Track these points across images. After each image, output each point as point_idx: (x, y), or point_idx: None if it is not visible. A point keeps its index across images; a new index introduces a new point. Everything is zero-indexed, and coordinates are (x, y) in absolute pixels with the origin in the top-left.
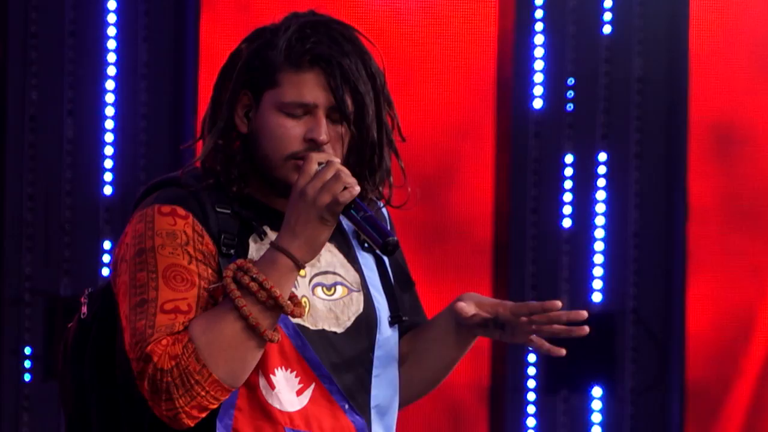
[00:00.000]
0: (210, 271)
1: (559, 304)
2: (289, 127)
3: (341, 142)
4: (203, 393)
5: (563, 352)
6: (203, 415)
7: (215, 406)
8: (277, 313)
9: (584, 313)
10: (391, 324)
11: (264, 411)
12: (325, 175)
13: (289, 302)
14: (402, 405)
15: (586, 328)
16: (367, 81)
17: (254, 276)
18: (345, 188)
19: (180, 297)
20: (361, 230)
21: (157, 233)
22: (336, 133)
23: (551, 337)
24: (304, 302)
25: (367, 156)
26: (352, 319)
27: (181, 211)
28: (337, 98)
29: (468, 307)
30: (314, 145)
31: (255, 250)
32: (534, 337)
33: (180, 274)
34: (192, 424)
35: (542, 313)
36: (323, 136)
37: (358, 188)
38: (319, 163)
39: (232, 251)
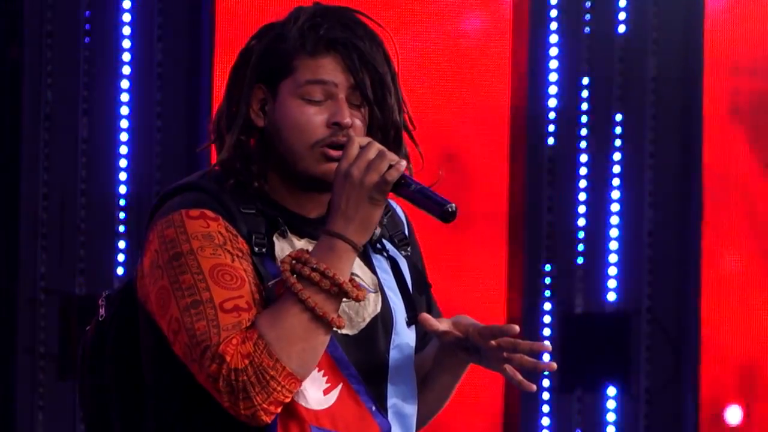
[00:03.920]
0: (251, 268)
1: (516, 328)
2: (312, 114)
3: (363, 126)
4: (279, 388)
5: (534, 388)
6: (278, 410)
7: (288, 400)
8: (341, 298)
9: (548, 346)
10: (408, 325)
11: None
12: (368, 154)
13: (353, 287)
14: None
15: (554, 364)
16: (384, 63)
17: (314, 266)
18: (390, 166)
19: (236, 295)
20: (416, 204)
21: (192, 236)
22: (359, 116)
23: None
24: None
25: (391, 137)
26: (368, 320)
27: (210, 213)
28: (358, 79)
29: (436, 323)
30: (339, 129)
31: (280, 247)
32: (508, 367)
33: (228, 272)
34: (269, 421)
35: (502, 336)
36: (347, 119)
37: (404, 163)
38: (360, 147)
39: (264, 250)
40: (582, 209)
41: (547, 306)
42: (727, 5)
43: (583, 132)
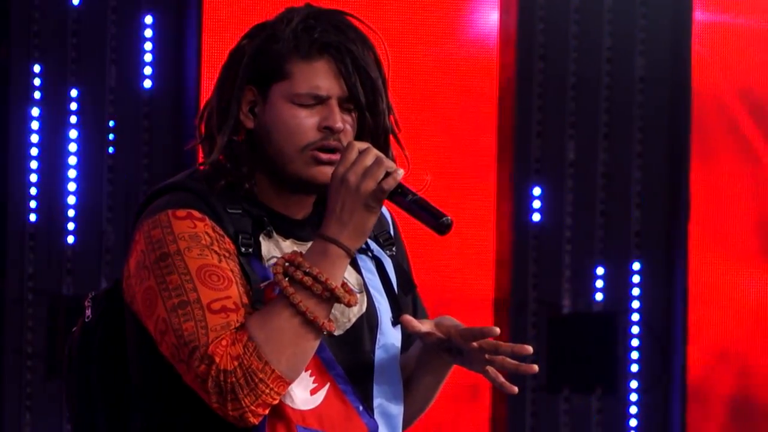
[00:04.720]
0: (238, 268)
1: (497, 330)
2: (303, 117)
3: (353, 131)
4: (267, 390)
5: (515, 390)
6: (266, 412)
7: (276, 402)
8: (332, 303)
9: (529, 348)
10: (393, 325)
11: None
12: (365, 160)
13: (345, 293)
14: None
15: (535, 367)
16: (375, 67)
17: (307, 270)
18: (387, 173)
19: (223, 296)
20: (411, 214)
21: (178, 237)
22: (349, 120)
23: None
24: None
25: (381, 142)
26: (353, 320)
27: (196, 214)
28: (350, 85)
29: (418, 325)
30: (330, 133)
31: (266, 248)
32: (490, 369)
33: (215, 273)
34: (257, 423)
35: (483, 338)
36: (339, 124)
37: (401, 172)
38: (359, 151)
39: (250, 250)
40: (568, 209)
41: (534, 306)
42: (715, 4)
43: (570, 132)
